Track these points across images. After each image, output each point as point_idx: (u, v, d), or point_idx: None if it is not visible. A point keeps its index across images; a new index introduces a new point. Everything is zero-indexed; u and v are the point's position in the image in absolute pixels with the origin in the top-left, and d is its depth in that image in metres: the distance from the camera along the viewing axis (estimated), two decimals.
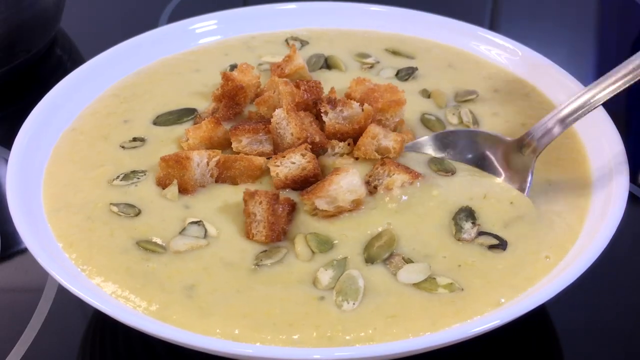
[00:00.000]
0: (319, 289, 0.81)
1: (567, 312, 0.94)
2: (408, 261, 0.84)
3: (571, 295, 0.81)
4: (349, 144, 0.95)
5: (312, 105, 0.98)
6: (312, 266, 0.84)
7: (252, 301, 0.80)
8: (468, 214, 0.89)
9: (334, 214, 0.88)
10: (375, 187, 0.91)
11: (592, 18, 1.72)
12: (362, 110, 0.96)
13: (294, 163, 0.90)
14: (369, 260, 0.84)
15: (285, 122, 0.93)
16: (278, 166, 0.91)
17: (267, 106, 1.00)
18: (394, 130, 0.99)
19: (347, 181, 0.87)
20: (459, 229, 0.87)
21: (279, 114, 0.94)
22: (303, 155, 0.91)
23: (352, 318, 0.78)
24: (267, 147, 0.96)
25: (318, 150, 0.95)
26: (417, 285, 0.82)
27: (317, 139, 0.94)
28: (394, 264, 0.84)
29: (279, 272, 0.83)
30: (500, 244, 0.86)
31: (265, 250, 0.85)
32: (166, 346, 0.83)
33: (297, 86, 0.99)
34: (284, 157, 0.91)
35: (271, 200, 0.86)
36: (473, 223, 0.88)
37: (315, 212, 0.88)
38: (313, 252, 0.85)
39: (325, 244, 0.86)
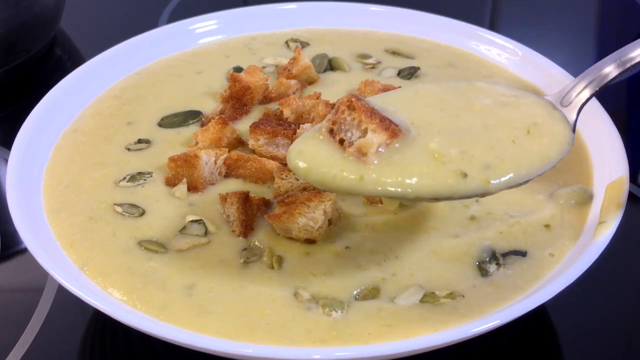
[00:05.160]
0: (301, 302, 0.80)
1: (567, 312, 0.94)
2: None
3: (571, 295, 0.81)
4: None
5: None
6: (288, 279, 0.82)
7: (245, 300, 0.80)
8: (491, 255, 0.85)
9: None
10: (342, 142, 0.76)
11: (592, 18, 1.72)
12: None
13: (297, 179, 0.90)
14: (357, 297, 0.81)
15: None
16: (283, 179, 0.90)
17: (291, 109, 0.99)
18: None
19: (307, 219, 0.84)
20: (484, 273, 0.83)
21: (306, 129, 0.93)
22: None
23: (345, 324, 0.78)
24: (282, 152, 0.95)
25: None
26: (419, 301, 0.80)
27: None
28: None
29: (262, 272, 0.83)
30: (521, 253, 0.85)
31: (246, 248, 0.85)
32: (166, 346, 0.83)
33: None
34: (291, 171, 0.90)
35: (240, 199, 0.86)
36: (497, 264, 0.84)
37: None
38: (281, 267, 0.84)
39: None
